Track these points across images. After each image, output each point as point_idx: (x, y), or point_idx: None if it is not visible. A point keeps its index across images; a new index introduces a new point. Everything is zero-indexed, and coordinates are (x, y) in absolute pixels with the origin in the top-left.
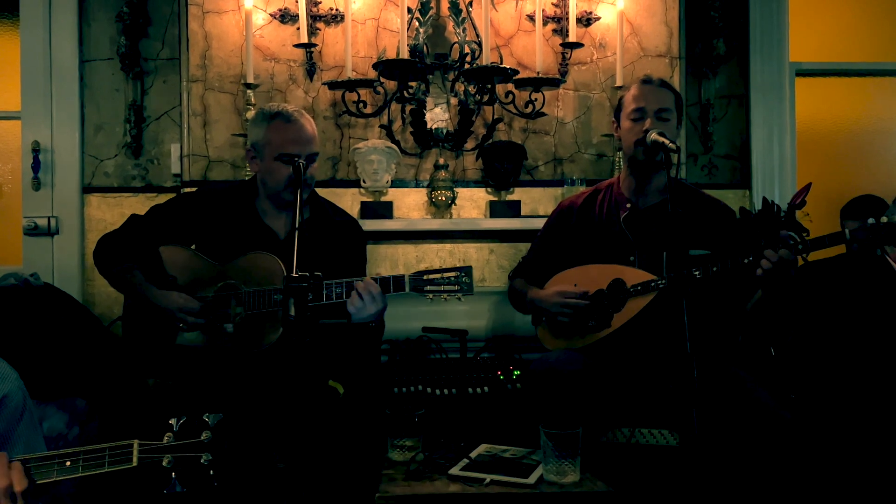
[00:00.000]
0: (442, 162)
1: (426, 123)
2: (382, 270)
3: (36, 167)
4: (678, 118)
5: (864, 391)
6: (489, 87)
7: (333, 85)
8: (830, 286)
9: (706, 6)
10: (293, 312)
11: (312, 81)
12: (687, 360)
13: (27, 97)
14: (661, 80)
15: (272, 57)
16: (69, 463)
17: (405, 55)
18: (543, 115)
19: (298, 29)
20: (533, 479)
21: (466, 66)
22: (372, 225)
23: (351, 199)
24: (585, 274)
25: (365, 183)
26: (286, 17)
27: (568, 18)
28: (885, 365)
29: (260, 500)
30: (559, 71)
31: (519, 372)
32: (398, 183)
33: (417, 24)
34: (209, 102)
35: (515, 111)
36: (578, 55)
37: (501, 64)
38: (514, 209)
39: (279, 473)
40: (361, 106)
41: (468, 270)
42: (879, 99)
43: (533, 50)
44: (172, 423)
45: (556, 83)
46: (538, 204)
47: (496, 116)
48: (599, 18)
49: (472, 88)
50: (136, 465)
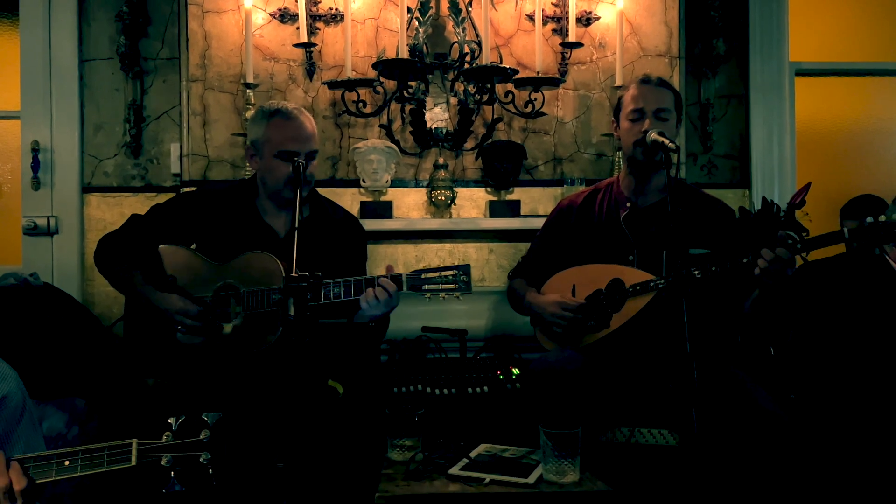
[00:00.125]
0: (441, 161)
1: (426, 123)
2: (382, 270)
3: (35, 167)
4: (677, 117)
5: (863, 391)
6: (489, 86)
7: (333, 84)
8: (830, 286)
9: (706, 6)
10: (293, 312)
11: (312, 81)
12: (686, 359)
13: (27, 97)
14: (659, 79)
15: (272, 56)
16: (68, 462)
17: (405, 55)
18: (543, 114)
19: (298, 28)
20: (532, 478)
21: (466, 65)
22: (371, 225)
23: (350, 198)
24: (584, 274)
25: (364, 183)
26: (286, 16)
27: (567, 18)
28: (884, 364)
29: (259, 499)
30: (559, 71)
31: (518, 372)
32: (398, 183)
33: (417, 23)
34: (209, 102)
35: (515, 111)
36: (578, 55)
37: (501, 64)
38: (513, 209)
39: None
40: (361, 105)
41: (466, 269)
42: (879, 99)
43: (532, 50)
44: (171, 422)
45: (555, 83)
46: (538, 203)
47: (496, 116)
48: (599, 18)
49: (471, 88)
50: (134, 464)
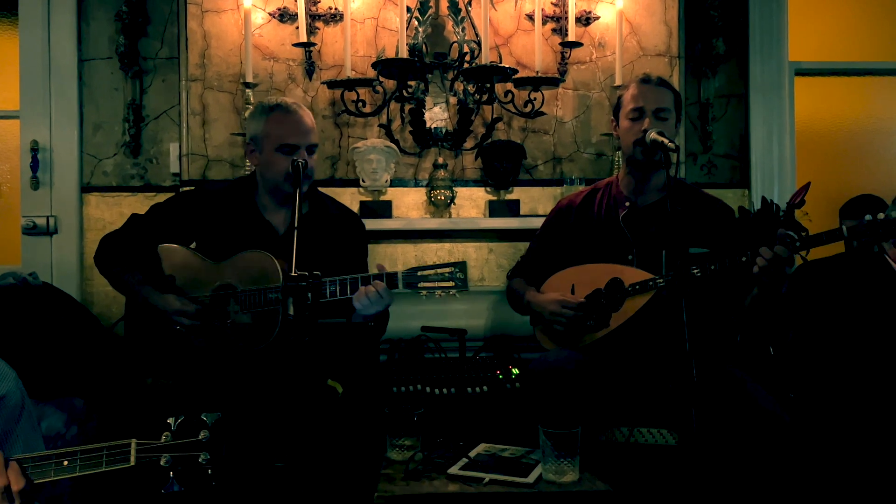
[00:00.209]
0: (441, 161)
1: (425, 123)
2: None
3: (35, 166)
4: (677, 117)
5: (863, 390)
6: (488, 86)
7: (332, 84)
8: (829, 285)
9: (705, 5)
10: (292, 312)
11: (311, 80)
12: (686, 359)
13: (26, 96)
14: (659, 78)
15: (271, 56)
16: (67, 462)
17: (404, 54)
18: (542, 114)
19: (297, 28)
20: (532, 478)
21: (465, 65)
22: (371, 224)
23: (350, 198)
24: (583, 273)
25: (364, 182)
26: (285, 16)
27: (567, 18)
28: (884, 363)
29: (258, 499)
30: (558, 70)
31: (518, 371)
32: (397, 182)
33: (416, 23)
34: (208, 102)
35: (514, 110)
36: (577, 54)
37: (500, 63)
38: (513, 208)
39: (277, 473)
40: (360, 105)
41: (462, 266)
42: (879, 98)
43: (532, 49)
44: (170, 422)
45: (555, 82)
46: (537, 203)
47: (495, 116)
48: (599, 18)
49: (471, 88)
50: (133, 464)
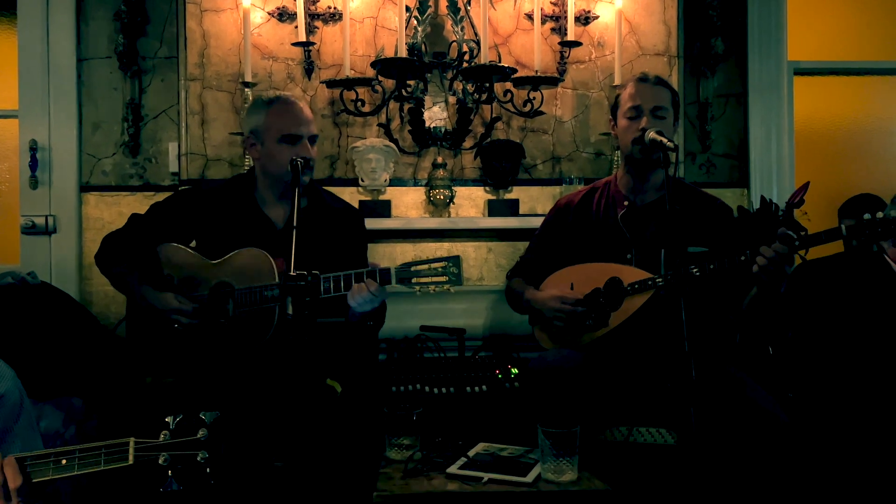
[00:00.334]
0: (440, 161)
1: (424, 122)
2: None
3: (33, 166)
4: (675, 115)
5: (862, 389)
6: (487, 85)
7: (332, 83)
8: (828, 284)
9: (704, 5)
10: (291, 311)
11: (310, 80)
12: (685, 358)
13: (25, 95)
14: (657, 77)
15: (270, 55)
16: (65, 461)
17: (403, 54)
18: (542, 113)
19: (296, 27)
20: (531, 477)
21: (465, 64)
22: (370, 224)
23: (349, 197)
24: (582, 272)
25: (363, 182)
26: (284, 15)
27: (566, 17)
28: (883, 363)
29: (257, 498)
30: (557, 70)
31: (517, 371)
32: (396, 182)
33: (416, 22)
34: (207, 101)
35: (514, 110)
36: (577, 54)
37: (500, 62)
38: (512, 208)
39: (276, 472)
40: (360, 104)
41: (456, 260)
42: (878, 98)
43: (531, 49)
44: (169, 421)
45: (554, 82)
46: (536, 203)
47: (494, 115)
48: (598, 17)
49: (470, 87)
50: (132, 463)
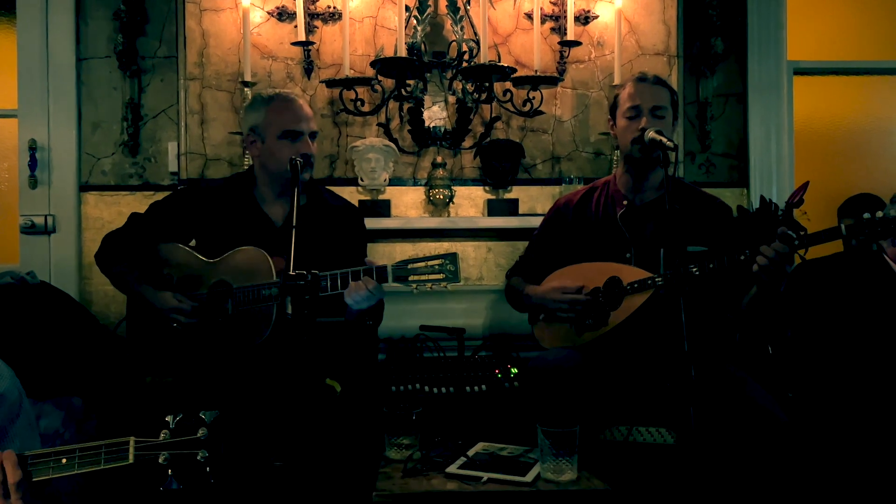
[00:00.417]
0: (440, 160)
1: (424, 122)
2: None
3: (33, 165)
4: (674, 115)
5: (861, 389)
6: (487, 85)
7: (331, 83)
8: (828, 284)
9: (704, 5)
10: (290, 311)
11: (310, 79)
12: (684, 358)
13: (24, 95)
14: (655, 76)
15: (270, 55)
16: (65, 460)
17: (403, 53)
18: (541, 113)
19: (296, 27)
20: (530, 477)
21: (464, 64)
22: (369, 223)
23: (348, 197)
24: (582, 272)
25: (363, 181)
26: (284, 15)
27: (566, 17)
28: (882, 362)
29: (256, 497)
30: (557, 69)
31: (517, 370)
32: (396, 181)
33: (415, 22)
34: (206, 101)
35: (513, 109)
36: (576, 53)
37: (499, 62)
38: (511, 207)
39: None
40: (359, 104)
41: (453, 257)
42: (878, 98)
43: (531, 48)
44: (169, 420)
45: (554, 81)
46: (536, 202)
47: (494, 115)
48: (597, 17)
49: (469, 87)
50: (132, 462)
